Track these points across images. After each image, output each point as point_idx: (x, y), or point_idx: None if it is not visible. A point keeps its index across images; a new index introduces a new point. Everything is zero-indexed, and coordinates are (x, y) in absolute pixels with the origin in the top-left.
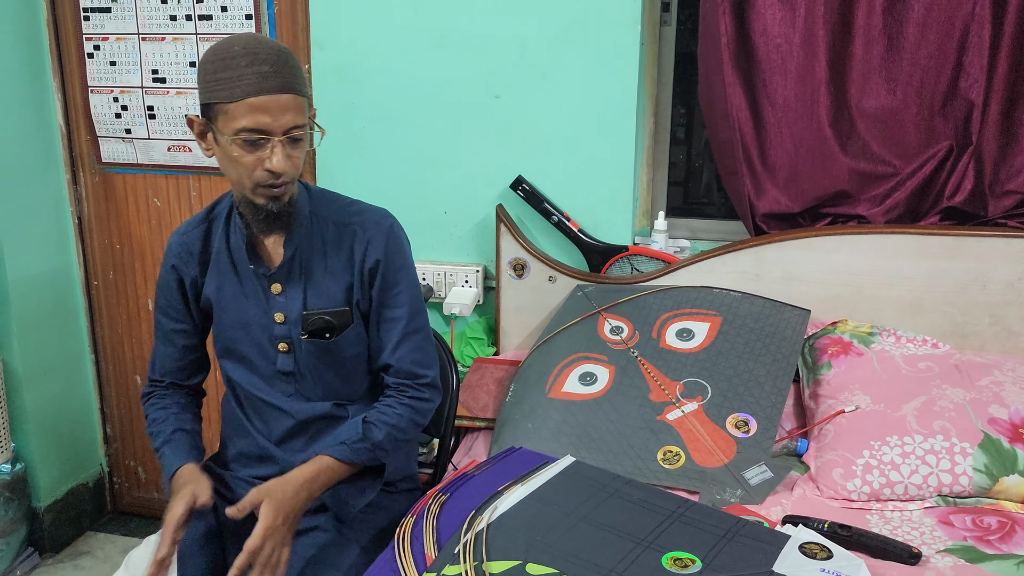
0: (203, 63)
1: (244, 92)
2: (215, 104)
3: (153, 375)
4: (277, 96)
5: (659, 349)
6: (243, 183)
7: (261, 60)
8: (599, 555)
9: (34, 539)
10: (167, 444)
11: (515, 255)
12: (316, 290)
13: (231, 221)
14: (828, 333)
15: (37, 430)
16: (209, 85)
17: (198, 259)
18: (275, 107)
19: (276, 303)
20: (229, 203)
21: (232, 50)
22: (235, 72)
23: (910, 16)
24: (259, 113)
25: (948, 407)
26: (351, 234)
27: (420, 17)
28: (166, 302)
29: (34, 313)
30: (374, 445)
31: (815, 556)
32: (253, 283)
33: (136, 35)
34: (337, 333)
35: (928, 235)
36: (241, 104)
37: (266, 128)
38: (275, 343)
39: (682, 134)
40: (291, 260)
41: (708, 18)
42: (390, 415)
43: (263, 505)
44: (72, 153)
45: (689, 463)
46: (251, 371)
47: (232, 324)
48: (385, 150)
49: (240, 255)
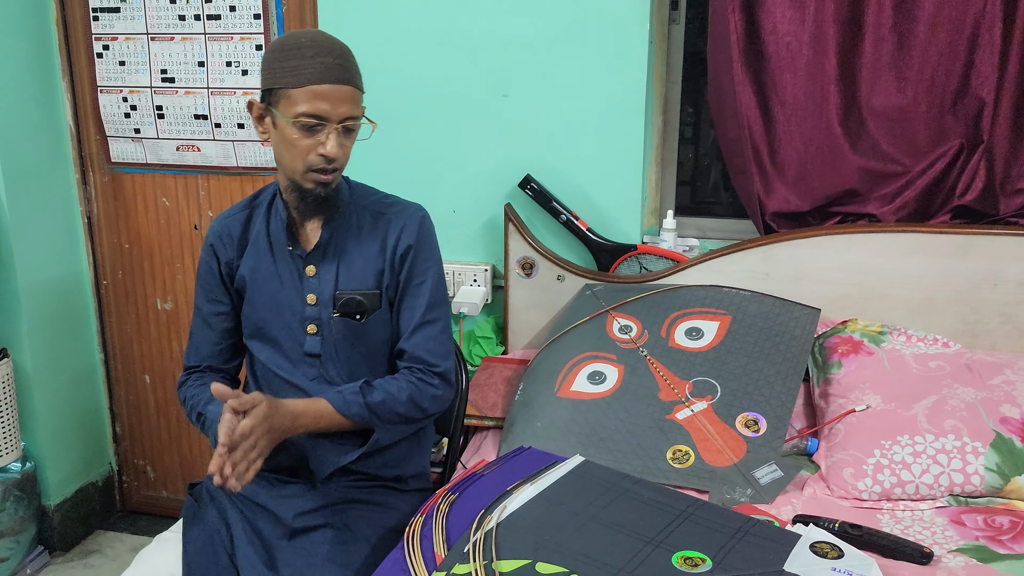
0: (270, 51)
1: (307, 79)
2: (278, 89)
3: (190, 362)
4: (338, 86)
5: (668, 348)
6: (296, 167)
7: (325, 52)
8: (609, 554)
9: (44, 537)
10: (210, 403)
11: (524, 254)
12: (349, 273)
13: (272, 208)
14: (838, 332)
15: (47, 429)
16: (274, 71)
17: (237, 242)
18: (335, 96)
19: (309, 284)
20: (271, 192)
21: (300, 41)
22: (301, 61)
23: (920, 14)
24: (319, 100)
25: (959, 406)
26: (386, 222)
27: (427, 17)
28: (206, 285)
29: (44, 312)
30: (367, 404)
31: (826, 555)
32: (288, 265)
33: (145, 35)
34: (367, 315)
35: (939, 234)
36: (304, 90)
37: (324, 114)
38: (304, 324)
39: (690, 133)
40: (327, 243)
41: (717, 16)
42: (391, 385)
43: (262, 404)
44: (81, 153)
45: (699, 462)
46: (278, 352)
47: (264, 305)
48: (393, 150)
49: (278, 238)
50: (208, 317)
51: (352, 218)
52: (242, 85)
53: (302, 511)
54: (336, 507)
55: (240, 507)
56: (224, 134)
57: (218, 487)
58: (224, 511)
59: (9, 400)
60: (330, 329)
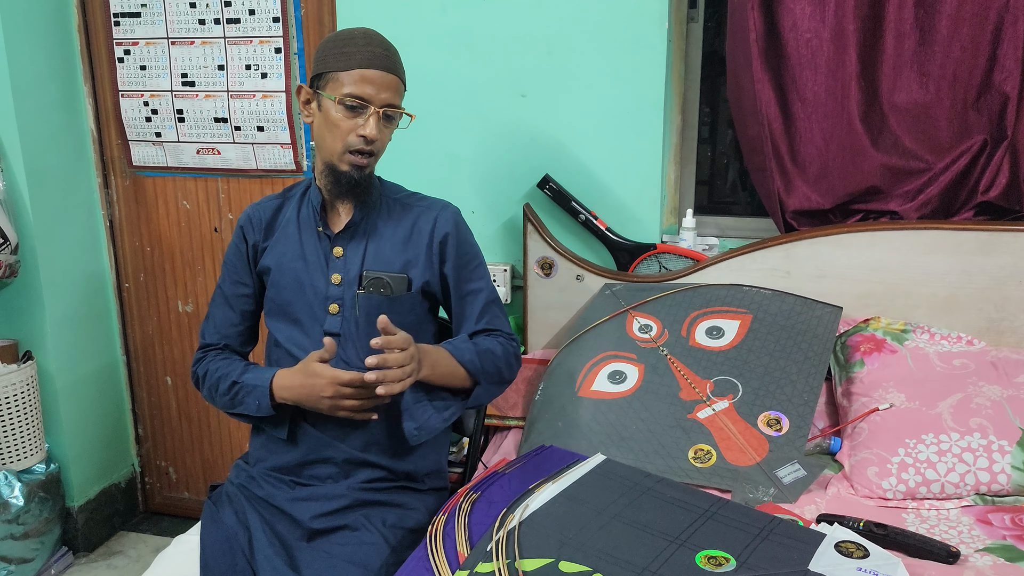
0: (324, 41)
1: (357, 63)
2: (328, 72)
3: (209, 339)
4: (384, 73)
5: (689, 347)
6: (335, 147)
7: (376, 44)
8: (632, 553)
9: (68, 538)
10: (245, 372)
11: (543, 254)
12: (376, 255)
13: (305, 198)
14: (860, 330)
15: (70, 431)
16: (327, 58)
17: (264, 226)
18: (380, 81)
19: (335, 264)
20: (305, 185)
21: (353, 34)
22: (352, 48)
23: (942, 9)
24: (365, 83)
25: (985, 404)
26: (416, 213)
27: (446, 19)
28: (232, 267)
29: (67, 315)
30: (478, 351)
31: (851, 555)
32: (315, 246)
33: (165, 39)
34: (392, 295)
35: (962, 230)
36: (352, 73)
37: (368, 97)
38: (327, 304)
39: (707, 133)
40: (357, 224)
41: (736, 14)
42: (487, 342)
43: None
44: (103, 157)
45: (721, 461)
46: (299, 330)
47: (288, 285)
48: (413, 150)
49: (308, 221)
50: (231, 298)
51: (383, 207)
52: (261, 88)
53: (319, 513)
54: (353, 509)
55: (259, 509)
56: (244, 137)
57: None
58: (242, 513)
59: (33, 402)
60: (352, 308)
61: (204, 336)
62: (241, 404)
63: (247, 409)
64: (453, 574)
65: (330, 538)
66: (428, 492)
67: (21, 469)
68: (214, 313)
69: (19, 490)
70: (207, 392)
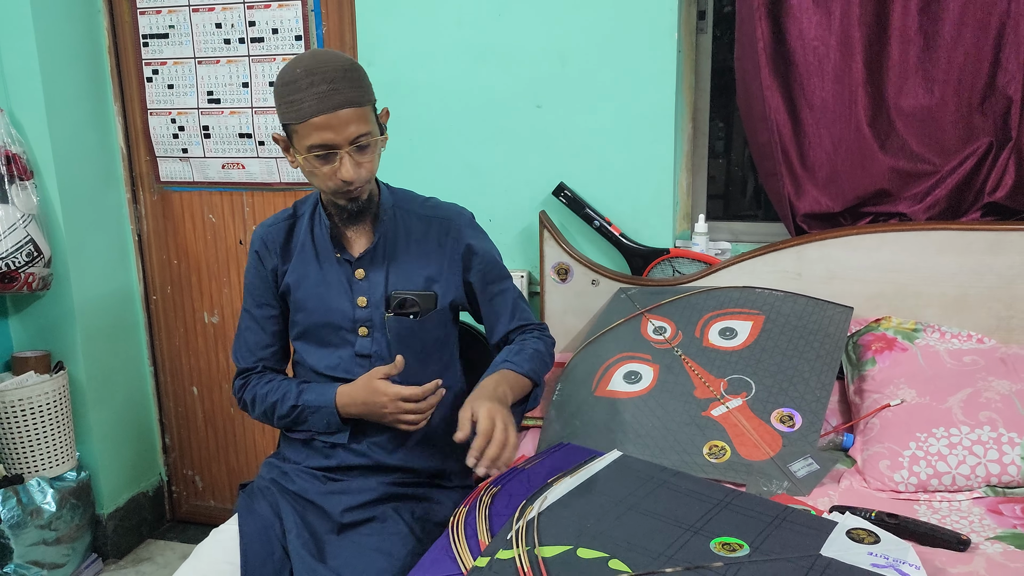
0: (275, 87)
1: (307, 113)
2: (288, 125)
3: (245, 363)
4: (336, 113)
5: (703, 348)
6: (324, 190)
7: (319, 80)
8: (649, 540)
9: (98, 545)
10: (303, 394)
11: (558, 260)
12: (399, 274)
13: (315, 216)
14: (872, 330)
15: (100, 439)
16: (281, 108)
17: (280, 250)
18: (337, 123)
19: (359, 287)
20: (314, 201)
21: (295, 73)
22: (298, 95)
23: (946, 15)
24: (323, 130)
25: (994, 398)
26: (436, 226)
27: (463, 32)
28: (256, 291)
29: (97, 327)
30: (531, 355)
31: (862, 541)
32: (336, 270)
33: (192, 59)
34: (421, 315)
35: (971, 231)
36: (307, 124)
37: (331, 143)
38: (356, 327)
39: (721, 148)
40: (375, 247)
41: (745, 24)
42: (528, 343)
43: (472, 405)
44: (132, 173)
45: (735, 457)
46: (330, 353)
47: (314, 309)
48: (432, 161)
49: (324, 245)
50: (260, 320)
51: (400, 223)
52: None
53: (350, 507)
54: (382, 502)
55: (292, 502)
56: (268, 151)
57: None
58: (276, 505)
59: (65, 411)
60: (383, 330)
61: (239, 360)
62: (305, 423)
63: (314, 427)
64: (475, 560)
65: (359, 530)
66: (455, 489)
67: (53, 476)
68: (245, 336)
69: (51, 496)
70: (261, 415)
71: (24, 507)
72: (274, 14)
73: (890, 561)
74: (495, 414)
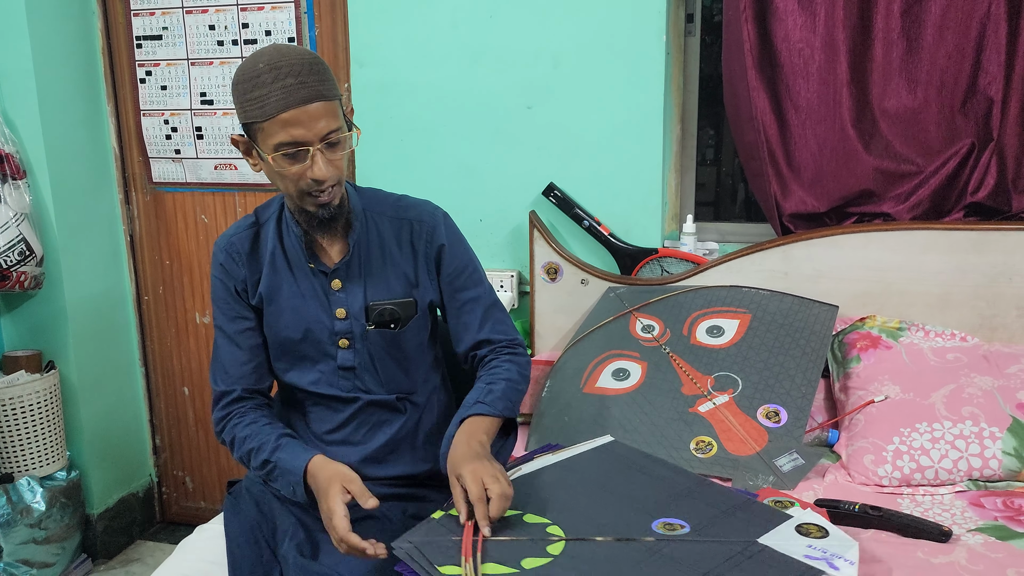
0: (234, 84)
1: (274, 109)
2: (251, 124)
3: (222, 386)
4: (306, 107)
5: (690, 345)
6: (292, 193)
7: (284, 74)
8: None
9: (87, 545)
10: (278, 450)
11: (548, 259)
12: (376, 284)
13: (282, 223)
14: (857, 328)
15: (91, 439)
16: (243, 106)
17: (247, 260)
18: (306, 118)
19: (336, 299)
20: (278, 206)
21: (257, 68)
22: (262, 90)
23: (928, 18)
24: (292, 127)
25: (976, 394)
26: (408, 228)
27: (456, 34)
28: (225, 305)
29: (89, 327)
30: (502, 396)
31: (809, 534)
32: (311, 282)
33: (186, 60)
34: (403, 324)
35: (954, 230)
36: (274, 121)
37: (302, 139)
38: (335, 339)
39: (711, 155)
40: (350, 258)
41: (731, 25)
42: (499, 371)
43: (456, 474)
44: (125, 174)
45: (722, 452)
46: (311, 369)
47: (289, 324)
48: (423, 161)
49: (296, 255)
50: (233, 336)
51: (372, 229)
52: None
53: None
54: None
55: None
56: None
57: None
58: (265, 505)
59: (56, 410)
60: (364, 341)
61: (216, 382)
62: (275, 482)
63: (281, 489)
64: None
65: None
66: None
67: (43, 475)
68: (220, 356)
69: (41, 496)
70: (238, 458)
71: (14, 506)
72: (267, 16)
73: (826, 555)
74: (480, 474)
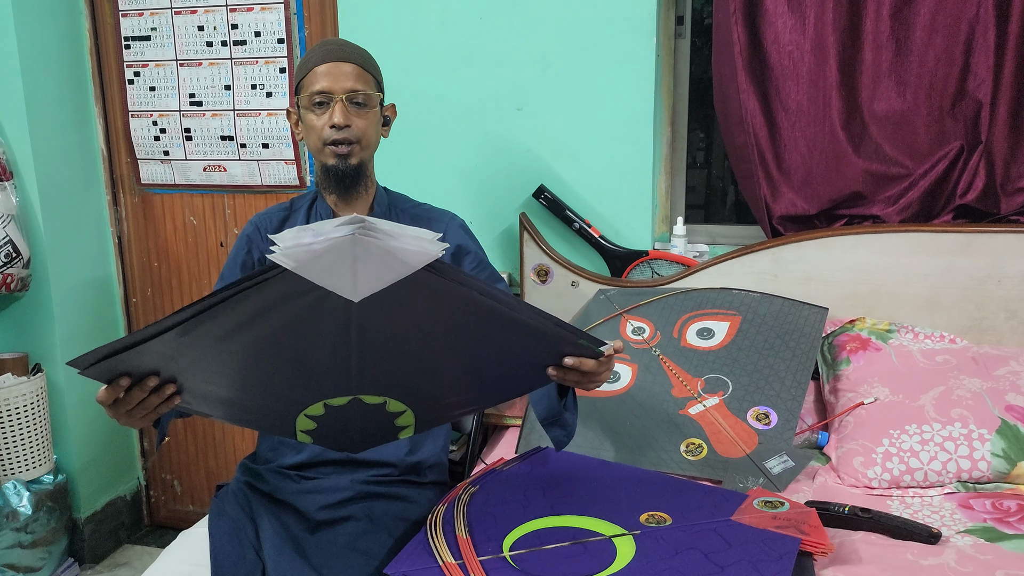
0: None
1: (314, 63)
2: (299, 85)
3: None
4: (338, 63)
5: (680, 348)
6: (316, 145)
7: (332, 43)
8: None
9: (74, 549)
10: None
11: (539, 261)
12: None
13: (312, 210)
14: (846, 331)
15: (78, 443)
16: (296, 74)
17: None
18: (336, 72)
19: None
20: (311, 197)
21: (315, 46)
22: (311, 54)
23: (917, 21)
24: (324, 78)
25: (965, 396)
26: (426, 223)
27: (446, 35)
28: (230, 274)
29: (76, 329)
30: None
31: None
32: None
33: (174, 61)
34: None
35: (943, 232)
36: (311, 74)
37: (328, 89)
38: None
39: (702, 158)
40: None
41: (721, 27)
42: None
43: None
44: (113, 175)
45: (712, 454)
46: None
47: None
48: (413, 163)
49: None
50: None
51: (393, 217)
52: (266, 106)
53: (325, 505)
54: (357, 501)
55: (266, 503)
56: (249, 154)
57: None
58: (249, 508)
59: (43, 413)
60: None
61: None
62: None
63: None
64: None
65: (335, 529)
66: (428, 486)
67: (30, 479)
68: None
69: (27, 499)
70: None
71: (0, 510)
72: (257, 17)
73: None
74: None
